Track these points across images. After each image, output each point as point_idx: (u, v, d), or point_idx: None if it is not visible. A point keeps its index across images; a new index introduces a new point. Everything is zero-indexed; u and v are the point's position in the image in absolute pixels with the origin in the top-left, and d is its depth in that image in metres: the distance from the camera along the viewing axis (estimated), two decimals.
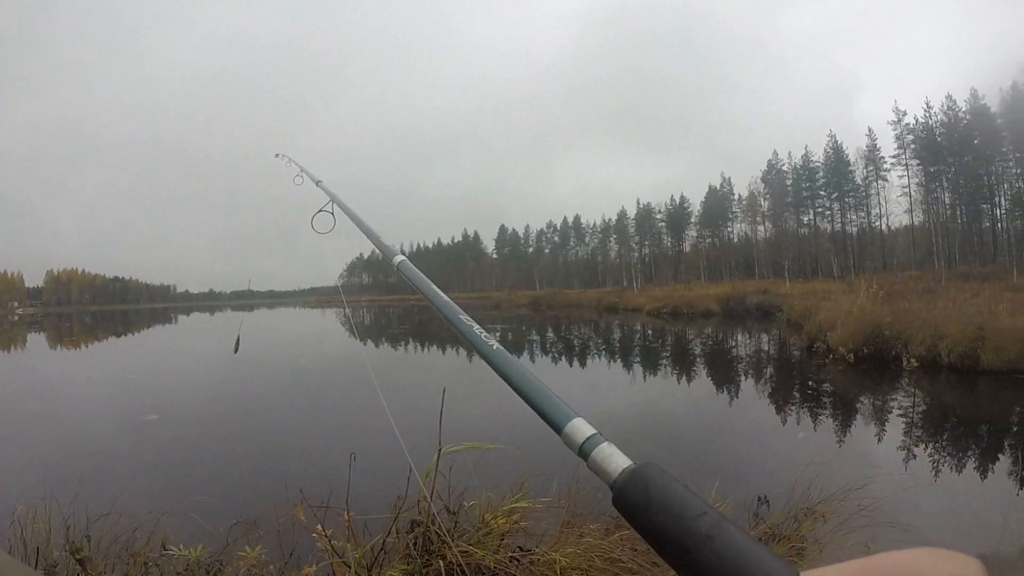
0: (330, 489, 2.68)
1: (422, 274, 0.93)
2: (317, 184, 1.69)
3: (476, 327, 0.66)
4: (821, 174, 77.95)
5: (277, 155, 2.17)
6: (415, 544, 2.51)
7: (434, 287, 0.84)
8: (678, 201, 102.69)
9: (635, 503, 0.39)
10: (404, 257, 1.05)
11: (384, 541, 2.49)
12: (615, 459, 0.42)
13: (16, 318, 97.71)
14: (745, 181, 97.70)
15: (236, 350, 2.29)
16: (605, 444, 0.42)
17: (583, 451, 0.47)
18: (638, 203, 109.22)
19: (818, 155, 78.57)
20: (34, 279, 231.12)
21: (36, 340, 35.85)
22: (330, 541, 2.39)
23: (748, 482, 5.44)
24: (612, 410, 9.62)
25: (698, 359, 17.28)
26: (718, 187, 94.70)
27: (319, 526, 2.55)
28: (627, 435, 7.76)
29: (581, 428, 0.45)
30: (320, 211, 1.57)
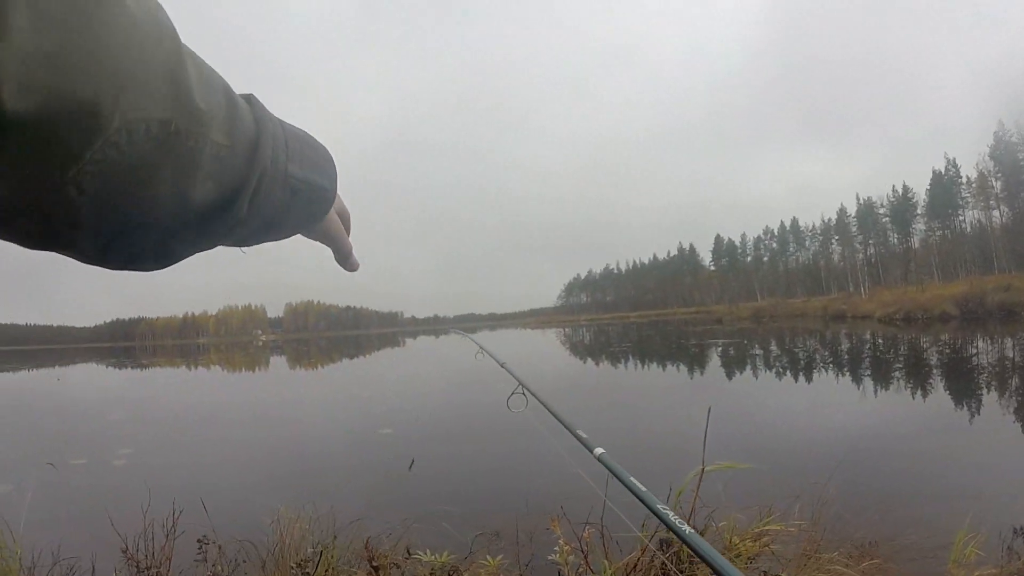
0: (589, 505, 2.65)
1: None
2: (501, 366, 1.89)
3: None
4: None
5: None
6: (671, 563, 2.40)
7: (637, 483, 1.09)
8: (900, 191, 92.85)
9: None
10: (603, 451, 1.29)
11: (639, 559, 2.41)
12: None
13: (260, 343, 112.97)
14: (972, 160, 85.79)
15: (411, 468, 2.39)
16: None
17: None
18: (857, 198, 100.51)
19: None
20: (275, 310, 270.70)
21: (278, 362, 40.60)
22: (586, 556, 2.36)
23: (1002, 511, 4.70)
24: (847, 428, 8.82)
25: (933, 371, 15.42)
26: (943, 171, 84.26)
27: (560, 540, 2.54)
28: (867, 454, 7.06)
29: None
30: (514, 393, 1.76)
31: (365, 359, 38.17)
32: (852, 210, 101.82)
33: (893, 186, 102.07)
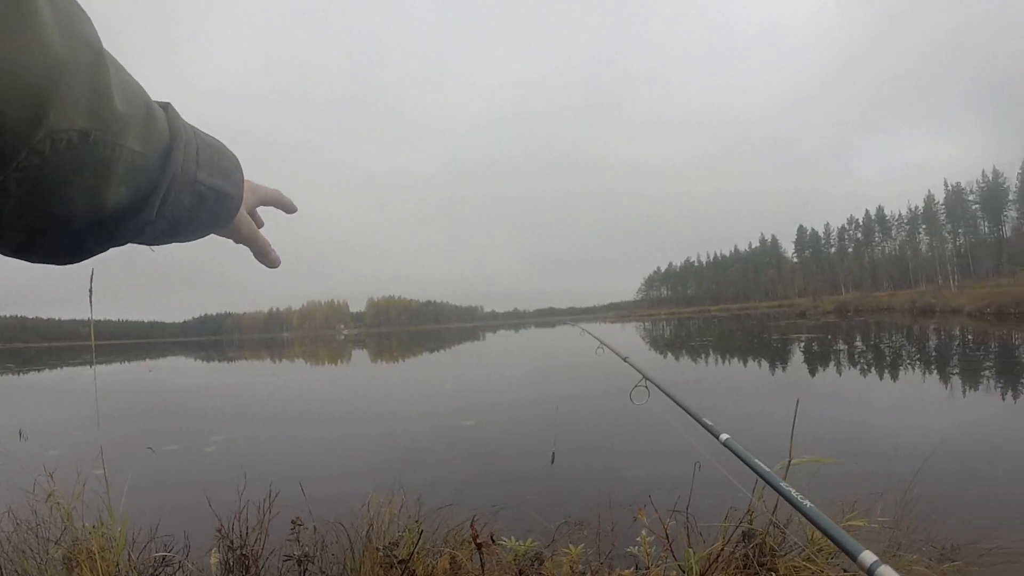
0: (676, 494, 2.72)
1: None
2: (624, 360, 1.95)
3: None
4: None
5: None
6: (753, 555, 2.46)
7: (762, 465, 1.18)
8: (990, 176, 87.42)
9: None
10: (728, 435, 1.40)
11: (722, 549, 2.49)
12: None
13: (343, 337, 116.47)
14: None
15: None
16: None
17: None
18: (946, 184, 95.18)
19: None
20: (357, 305, 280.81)
21: (359, 355, 41.49)
22: (670, 544, 2.45)
23: None
24: (934, 427, 8.48)
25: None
26: None
27: (643, 531, 2.63)
28: (956, 455, 6.79)
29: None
30: (636, 387, 1.82)
31: (445, 352, 38.50)
32: (940, 197, 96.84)
33: (983, 171, 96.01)
